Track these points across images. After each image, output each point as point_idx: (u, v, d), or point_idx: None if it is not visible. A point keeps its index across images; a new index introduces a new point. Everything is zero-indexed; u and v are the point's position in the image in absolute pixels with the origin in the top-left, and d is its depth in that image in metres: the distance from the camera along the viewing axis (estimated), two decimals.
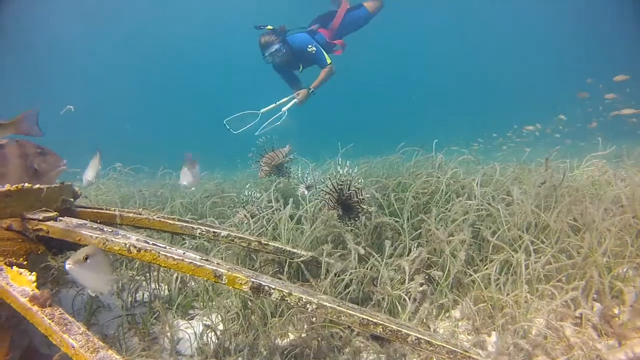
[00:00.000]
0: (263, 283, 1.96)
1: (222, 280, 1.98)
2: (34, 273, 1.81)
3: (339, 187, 3.19)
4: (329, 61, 6.89)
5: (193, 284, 3.48)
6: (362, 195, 3.16)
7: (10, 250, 2.25)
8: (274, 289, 1.94)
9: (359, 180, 3.20)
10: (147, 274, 3.52)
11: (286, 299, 1.93)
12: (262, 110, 6.51)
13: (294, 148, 4.64)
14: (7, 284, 1.73)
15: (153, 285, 3.44)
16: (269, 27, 6.80)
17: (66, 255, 3.45)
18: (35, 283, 1.75)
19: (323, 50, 6.94)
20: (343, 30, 7.75)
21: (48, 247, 3.00)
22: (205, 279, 2.03)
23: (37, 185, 2.52)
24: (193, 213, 4.88)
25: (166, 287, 3.49)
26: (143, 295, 3.46)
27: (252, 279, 1.96)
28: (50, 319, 1.56)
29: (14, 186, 2.37)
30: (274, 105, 6.68)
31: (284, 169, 4.61)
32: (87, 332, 1.53)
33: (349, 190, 3.17)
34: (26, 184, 2.44)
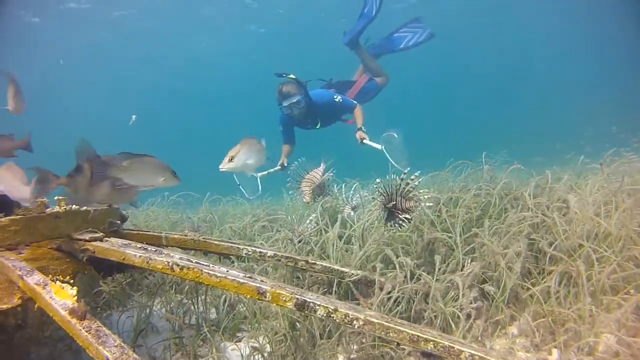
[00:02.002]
0: (308, 299, 1.90)
1: (265, 297, 1.93)
2: (75, 287, 1.82)
3: (390, 192, 3.05)
4: (355, 102, 6.72)
5: (241, 307, 3.44)
6: (406, 205, 3.02)
7: (58, 269, 2.30)
8: (319, 305, 1.88)
9: (420, 191, 3.04)
10: (195, 297, 3.51)
11: (332, 315, 1.86)
12: (259, 174, 6.18)
13: (329, 164, 4.49)
14: (51, 297, 1.76)
15: (201, 308, 3.43)
16: (292, 75, 6.39)
17: (114, 277, 3.52)
18: (76, 297, 1.76)
19: (347, 98, 6.84)
20: (357, 100, 7.48)
21: (97, 270, 3.06)
22: (249, 296, 1.99)
23: (85, 208, 2.57)
24: (241, 237, 4.89)
25: (214, 310, 3.47)
26: (190, 318, 3.45)
27: (297, 296, 1.91)
28: (87, 332, 1.57)
29: (62, 208, 2.44)
30: (266, 173, 6.38)
31: (326, 188, 4.49)
32: (123, 344, 1.53)
33: (397, 196, 3.02)
34: (74, 206, 2.50)
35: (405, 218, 2.97)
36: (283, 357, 2.68)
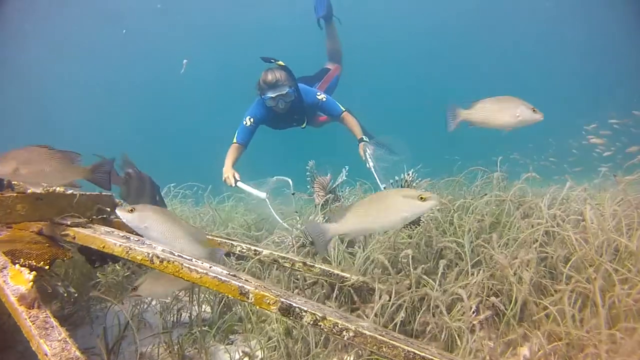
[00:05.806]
0: (294, 304, 1.71)
1: (248, 298, 1.75)
2: (32, 273, 1.67)
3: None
4: (342, 108, 5.61)
5: (238, 307, 3.26)
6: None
7: (34, 253, 2.16)
8: (306, 311, 1.69)
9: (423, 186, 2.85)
10: (191, 295, 3.36)
11: (319, 323, 1.67)
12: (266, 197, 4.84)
13: (336, 175, 4.17)
14: (4, 282, 1.63)
15: (195, 307, 3.27)
16: (280, 62, 5.22)
17: (109, 266, 3.39)
18: (32, 283, 1.61)
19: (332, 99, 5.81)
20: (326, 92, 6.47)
21: (89, 259, 2.93)
22: (230, 296, 1.81)
23: (70, 191, 2.45)
24: (247, 236, 4.72)
25: (210, 308, 3.31)
26: (182, 315, 3.30)
27: (282, 299, 1.72)
28: (32, 322, 1.42)
29: (44, 190, 2.32)
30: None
31: (337, 194, 4.20)
32: (67, 339, 1.39)
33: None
34: (58, 188, 2.38)
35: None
36: None
